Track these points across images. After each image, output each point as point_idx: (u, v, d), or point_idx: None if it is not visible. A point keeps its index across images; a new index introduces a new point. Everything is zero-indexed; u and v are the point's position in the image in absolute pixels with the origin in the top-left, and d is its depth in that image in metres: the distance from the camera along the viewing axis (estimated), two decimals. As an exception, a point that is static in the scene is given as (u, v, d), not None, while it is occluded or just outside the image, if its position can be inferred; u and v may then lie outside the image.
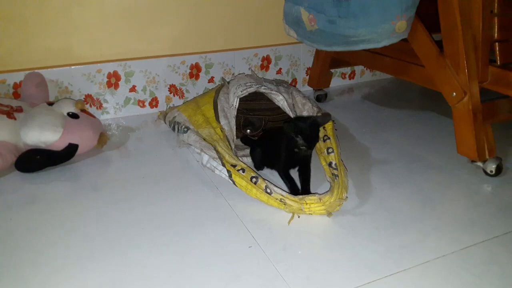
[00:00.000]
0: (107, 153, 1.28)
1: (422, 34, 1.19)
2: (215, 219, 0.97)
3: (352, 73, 1.93)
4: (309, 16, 1.20)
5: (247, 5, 1.62)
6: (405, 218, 0.97)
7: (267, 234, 0.91)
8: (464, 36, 1.08)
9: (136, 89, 1.54)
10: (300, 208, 0.96)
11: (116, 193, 1.07)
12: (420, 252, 0.85)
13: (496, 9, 1.10)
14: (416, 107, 1.66)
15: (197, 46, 1.59)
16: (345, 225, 0.94)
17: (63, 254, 0.85)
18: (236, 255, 0.85)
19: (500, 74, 1.11)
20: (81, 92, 1.47)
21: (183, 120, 1.32)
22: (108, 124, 1.49)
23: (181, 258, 0.84)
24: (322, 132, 1.19)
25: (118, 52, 1.49)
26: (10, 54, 1.37)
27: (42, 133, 1.17)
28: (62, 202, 1.03)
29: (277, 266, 0.82)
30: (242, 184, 1.03)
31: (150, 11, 1.48)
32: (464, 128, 1.13)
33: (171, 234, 0.91)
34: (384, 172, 1.17)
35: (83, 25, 1.42)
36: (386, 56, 1.39)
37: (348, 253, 0.85)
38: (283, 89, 1.38)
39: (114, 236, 0.91)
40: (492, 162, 1.12)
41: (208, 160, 1.14)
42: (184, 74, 1.59)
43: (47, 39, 1.39)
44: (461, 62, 1.10)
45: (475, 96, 1.11)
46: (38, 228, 0.93)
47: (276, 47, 1.71)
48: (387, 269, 0.81)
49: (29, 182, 1.12)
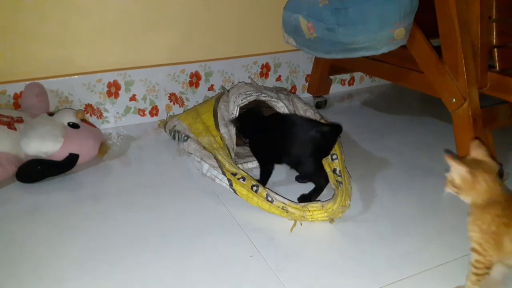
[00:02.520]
0: (108, 162, 1.28)
1: (420, 40, 1.19)
2: (216, 228, 0.96)
3: (351, 79, 1.94)
4: (308, 24, 1.21)
5: (246, 13, 1.62)
6: (406, 225, 0.97)
7: (269, 243, 0.91)
8: (462, 42, 1.09)
9: (136, 98, 1.54)
10: (303, 216, 0.95)
11: (117, 202, 1.07)
12: (422, 260, 0.85)
13: (494, 15, 1.10)
14: (415, 113, 1.67)
15: (196, 54, 1.60)
16: (347, 232, 0.94)
17: (64, 264, 0.85)
18: (238, 265, 0.85)
19: (499, 80, 1.11)
20: (81, 102, 1.48)
21: (183, 129, 1.32)
22: (109, 133, 1.49)
23: (182, 268, 0.84)
24: None
25: (118, 62, 1.49)
26: (10, 65, 1.37)
27: (43, 144, 1.17)
28: (63, 212, 1.03)
29: (279, 275, 0.81)
30: (243, 192, 1.03)
31: (150, 21, 1.49)
32: (464, 133, 1.13)
33: (172, 243, 0.91)
34: (385, 178, 1.17)
35: (83, 35, 1.42)
36: (385, 62, 1.40)
37: (350, 261, 0.85)
38: (283, 96, 1.38)
39: (115, 245, 0.91)
40: (493, 167, 1.11)
41: (209, 169, 1.14)
42: (184, 83, 1.59)
43: (47, 50, 1.39)
44: (460, 68, 1.10)
45: (474, 102, 1.11)
46: (39, 238, 0.93)
47: (276, 55, 1.72)
48: (390, 277, 0.80)
49: (30, 193, 1.12)
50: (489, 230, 0.69)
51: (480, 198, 0.70)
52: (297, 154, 1.06)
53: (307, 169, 1.07)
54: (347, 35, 1.14)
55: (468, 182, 0.70)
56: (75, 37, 1.42)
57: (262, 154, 1.15)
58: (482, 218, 0.70)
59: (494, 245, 0.69)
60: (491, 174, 0.70)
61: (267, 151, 1.14)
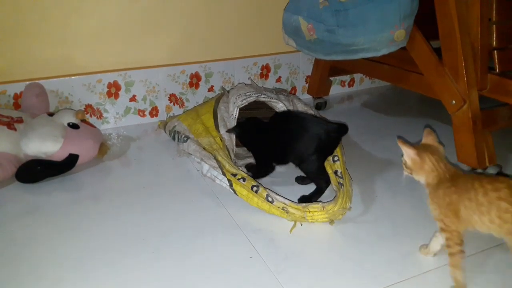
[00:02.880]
0: (108, 163, 1.28)
1: (420, 42, 1.19)
2: (216, 229, 0.96)
3: (351, 80, 1.94)
4: (308, 26, 1.21)
5: (246, 14, 1.63)
6: (407, 226, 0.97)
7: (268, 244, 0.91)
8: (462, 44, 1.09)
9: (136, 98, 1.54)
10: (303, 216, 0.96)
11: (116, 203, 1.07)
12: (422, 261, 0.85)
13: (494, 17, 1.10)
14: (415, 114, 1.67)
15: (196, 55, 1.60)
16: (347, 233, 0.94)
17: (64, 265, 0.85)
18: (237, 266, 0.85)
19: (499, 82, 1.11)
20: (81, 102, 1.48)
21: (183, 130, 1.32)
22: (109, 134, 1.49)
23: (181, 269, 0.84)
24: None
25: (118, 62, 1.49)
26: (10, 65, 1.37)
27: (43, 144, 1.17)
28: (63, 212, 1.03)
29: (278, 277, 0.81)
30: (243, 193, 1.03)
31: (150, 21, 1.49)
32: (463, 136, 1.13)
33: (171, 244, 0.91)
34: (385, 180, 1.17)
35: (83, 36, 1.42)
36: (385, 64, 1.40)
37: (350, 263, 0.85)
38: (283, 97, 1.38)
39: (115, 245, 0.91)
40: (493, 169, 1.12)
41: (209, 170, 1.14)
42: (184, 83, 1.60)
43: (47, 50, 1.40)
44: (460, 70, 1.11)
45: (474, 104, 1.11)
46: (39, 239, 0.93)
47: (276, 56, 1.72)
48: (390, 279, 0.81)
49: (30, 193, 1.12)
50: (444, 203, 0.77)
51: (430, 177, 0.80)
52: (301, 150, 1.05)
53: (309, 167, 1.07)
54: (347, 36, 1.14)
55: (416, 163, 0.80)
56: (75, 37, 1.42)
57: (265, 157, 1.15)
58: (437, 195, 0.78)
59: (453, 216, 0.76)
60: (436, 155, 0.80)
61: (270, 153, 1.14)
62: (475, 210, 0.73)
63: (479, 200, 0.72)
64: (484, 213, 0.72)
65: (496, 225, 0.72)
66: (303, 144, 1.05)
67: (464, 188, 0.75)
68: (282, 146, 1.08)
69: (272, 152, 1.12)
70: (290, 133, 1.07)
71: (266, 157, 1.15)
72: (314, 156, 1.05)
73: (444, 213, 0.77)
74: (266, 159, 1.15)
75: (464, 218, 0.75)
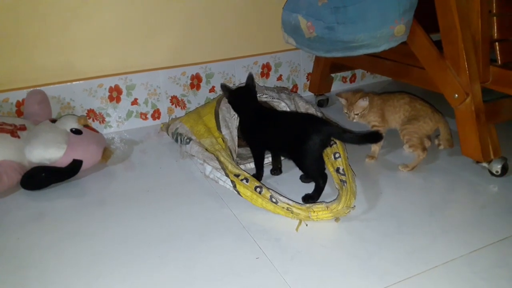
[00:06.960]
0: (112, 167, 1.29)
1: (421, 37, 1.19)
2: (221, 230, 0.96)
3: (352, 76, 1.93)
4: (308, 24, 1.20)
5: (245, 14, 1.62)
6: (412, 223, 0.96)
7: (274, 244, 0.91)
8: (463, 37, 1.08)
9: (138, 102, 1.55)
10: (308, 216, 0.95)
11: (121, 207, 1.07)
12: (428, 257, 0.85)
13: (495, 9, 1.10)
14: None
15: (197, 56, 1.60)
16: (352, 231, 0.94)
17: (71, 271, 0.85)
18: (243, 267, 0.85)
19: (502, 74, 1.11)
20: (83, 107, 1.48)
21: (185, 131, 1.32)
22: (112, 138, 1.49)
23: (187, 271, 0.84)
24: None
25: (118, 66, 1.50)
26: (12, 73, 1.38)
27: (46, 151, 1.17)
28: (68, 218, 1.04)
29: (285, 277, 0.81)
30: (247, 194, 1.03)
31: (149, 24, 1.49)
32: (467, 129, 1.12)
33: (177, 246, 0.91)
34: (389, 176, 1.16)
35: (83, 41, 1.43)
36: (386, 59, 1.39)
37: (357, 261, 0.85)
38: (284, 96, 1.38)
39: (121, 250, 0.91)
40: (498, 162, 1.11)
41: (211, 171, 1.14)
42: (185, 85, 1.59)
43: (47, 56, 1.40)
44: (462, 63, 1.10)
45: (477, 97, 1.10)
46: (45, 245, 0.94)
47: (276, 54, 1.72)
48: (396, 276, 0.80)
49: (35, 200, 1.12)
50: (376, 108, 1.25)
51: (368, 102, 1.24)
52: (293, 141, 1.04)
53: (302, 160, 1.05)
54: (347, 33, 1.13)
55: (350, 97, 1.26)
56: (75, 43, 1.42)
57: (251, 127, 1.16)
58: (357, 107, 1.23)
59: (382, 116, 1.25)
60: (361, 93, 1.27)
61: (259, 134, 1.14)
62: (392, 112, 1.24)
63: (394, 105, 1.24)
64: (396, 113, 1.24)
65: (401, 120, 1.23)
66: (296, 137, 1.04)
67: (385, 99, 1.25)
68: (274, 133, 1.10)
69: (262, 133, 1.13)
70: (281, 119, 1.13)
71: (253, 128, 1.15)
72: (306, 148, 1.02)
73: (378, 115, 1.25)
74: (253, 133, 1.15)
75: (389, 119, 1.25)
